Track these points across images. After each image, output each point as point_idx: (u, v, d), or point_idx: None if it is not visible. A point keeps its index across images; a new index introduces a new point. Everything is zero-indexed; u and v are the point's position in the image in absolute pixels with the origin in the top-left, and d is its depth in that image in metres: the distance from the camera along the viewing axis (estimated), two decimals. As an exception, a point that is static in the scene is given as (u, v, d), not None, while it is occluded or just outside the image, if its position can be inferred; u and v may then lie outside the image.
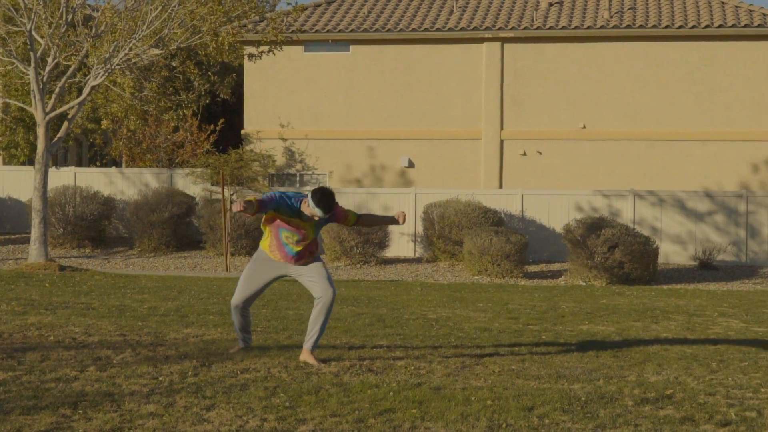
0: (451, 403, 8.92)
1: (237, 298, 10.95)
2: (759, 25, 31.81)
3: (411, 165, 33.69)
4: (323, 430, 8.04)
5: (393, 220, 11.07)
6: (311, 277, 10.73)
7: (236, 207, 9.92)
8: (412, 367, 10.76)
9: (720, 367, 11.24)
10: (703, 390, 9.81)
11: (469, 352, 11.86)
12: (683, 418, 8.61)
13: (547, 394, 9.36)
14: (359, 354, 11.54)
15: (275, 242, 10.69)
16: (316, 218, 10.49)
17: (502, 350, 12.13)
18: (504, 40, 33.30)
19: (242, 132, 34.92)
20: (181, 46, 25.75)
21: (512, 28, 33.02)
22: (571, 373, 10.50)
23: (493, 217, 28.08)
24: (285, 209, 10.48)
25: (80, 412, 8.24)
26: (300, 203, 10.49)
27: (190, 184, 31.46)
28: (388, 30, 33.63)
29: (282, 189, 31.55)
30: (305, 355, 10.77)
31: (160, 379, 9.76)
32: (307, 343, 10.82)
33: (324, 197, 10.31)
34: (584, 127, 32.86)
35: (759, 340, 13.77)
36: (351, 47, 34.15)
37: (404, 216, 10.79)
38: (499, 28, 33.07)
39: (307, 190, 30.89)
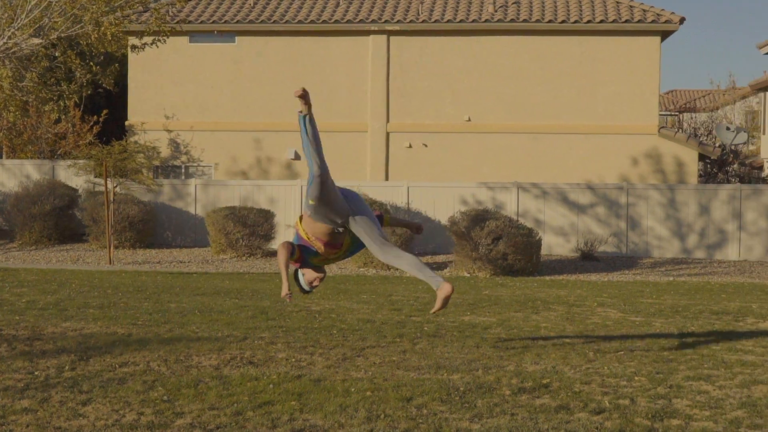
0: (330, 395, 8.94)
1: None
2: (639, 21, 32.40)
3: (297, 157, 33.62)
4: (201, 423, 7.99)
5: (416, 228, 11.35)
6: (365, 228, 10.57)
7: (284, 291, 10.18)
8: (293, 360, 10.75)
9: (597, 356, 11.43)
10: (579, 379, 9.97)
11: (350, 344, 11.89)
12: (559, 406, 8.75)
13: (426, 385, 9.43)
14: (240, 346, 11.50)
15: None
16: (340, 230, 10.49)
17: (384, 342, 12.18)
18: (390, 33, 33.41)
19: (126, 123, 34.49)
20: (62, 35, 25.32)
21: (398, 21, 33.15)
22: (450, 364, 10.58)
23: (379, 209, 28.14)
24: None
25: (-49, 408, 8.08)
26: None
27: (73, 176, 30.99)
28: (275, 21, 33.49)
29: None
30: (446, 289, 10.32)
31: (36, 374, 9.61)
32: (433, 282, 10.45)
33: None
34: (469, 120, 33.13)
35: (635, 330, 14.03)
36: (237, 38, 33.94)
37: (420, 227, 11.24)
38: (385, 21, 33.17)
39: (192, 181, 30.63)
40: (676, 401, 9.09)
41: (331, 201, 10.33)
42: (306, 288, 10.82)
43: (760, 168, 48.22)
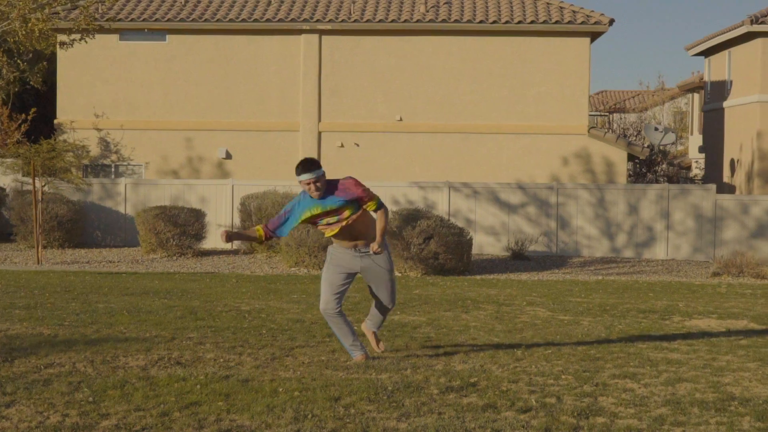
0: (258, 395, 8.92)
1: (324, 300, 10.64)
2: (569, 22, 32.66)
3: (228, 156, 33.48)
4: (126, 424, 7.93)
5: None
6: (376, 285, 10.74)
7: (222, 238, 10.12)
8: (222, 360, 10.71)
9: (525, 355, 11.51)
10: (506, 377, 10.03)
11: (279, 344, 11.87)
12: (486, 405, 8.79)
13: (354, 384, 9.44)
14: (168, 347, 11.43)
15: (328, 235, 10.61)
16: (314, 192, 10.19)
17: (313, 341, 12.17)
18: (322, 32, 33.37)
19: (55, 122, 34.13)
20: (-11, 32, 25.00)
21: (330, 21, 33.12)
22: (379, 363, 10.60)
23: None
24: (299, 209, 10.35)
25: None
26: (303, 193, 10.38)
27: (0, 174, 30.60)
28: (206, 20, 33.32)
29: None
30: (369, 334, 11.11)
31: (-41, 375, 9.48)
32: (374, 326, 11.12)
33: (301, 163, 10.22)
34: (401, 119, 33.20)
35: (563, 329, 14.15)
36: (168, 36, 33.72)
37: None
38: (317, 20, 33.13)
39: (123, 180, 30.39)
40: (602, 399, 9.18)
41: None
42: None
43: (688, 168, 48.87)
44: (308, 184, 10.17)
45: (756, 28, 33.85)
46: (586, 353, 11.72)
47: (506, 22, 32.77)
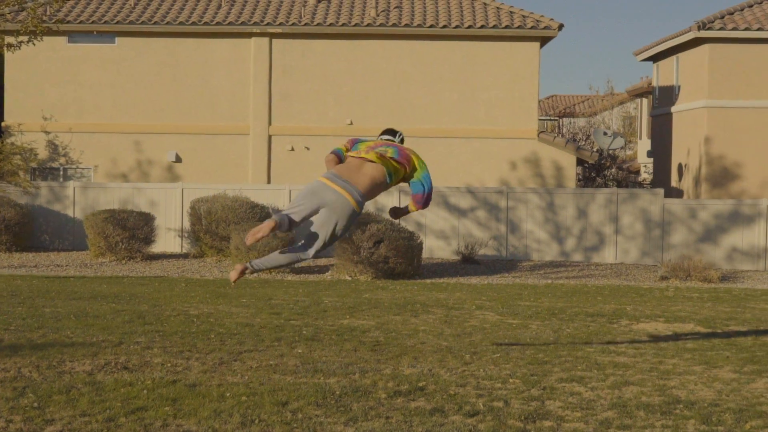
0: (205, 400, 8.89)
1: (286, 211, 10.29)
2: (519, 27, 32.80)
3: (178, 160, 33.32)
4: (72, 430, 7.88)
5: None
6: (324, 221, 10.37)
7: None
8: (169, 364, 10.66)
9: (473, 359, 11.55)
10: (455, 381, 10.06)
11: (228, 348, 11.83)
12: (433, 409, 8.82)
13: (302, 389, 9.43)
14: (115, 351, 11.36)
15: (348, 161, 10.52)
16: (381, 148, 10.40)
17: (262, 346, 12.15)
18: (272, 36, 33.30)
19: (2, 124, 33.80)
20: (-65, 34, 24.71)
21: (280, 24, 33.05)
22: (328, 368, 10.60)
23: (260, 212, 28.04)
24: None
25: None
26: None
27: (-54, 177, 30.28)
28: (155, 23, 33.13)
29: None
30: (236, 268, 10.55)
31: None
32: (252, 261, 10.73)
33: (389, 129, 10.90)
34: (351, 123, 33.19)
35: (512, 332, 14.21)
36: (117, 39, 33.50)
37: None
38: (268, 24, 33.05)
39: (71, 184, 30.14)
40: (549, 403, 9.23)
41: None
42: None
43: (637, 172, 49.22)
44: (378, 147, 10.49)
45: (703, 33, 34.15)
46: (534, 357, 11.78)
47: (456, 26, 32.86)
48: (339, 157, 10.57)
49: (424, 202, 10.62)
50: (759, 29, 33.84)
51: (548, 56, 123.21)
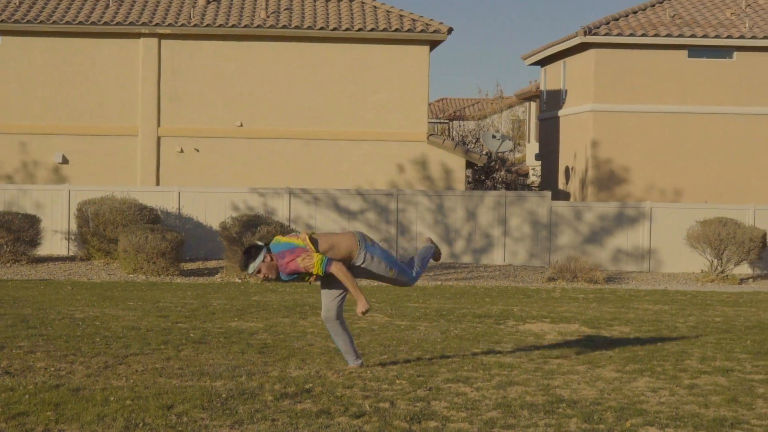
0: (89, 404, 8.78)
1: (324, 308, 10.87)
2: (409, 30, 32.99)
3: (65, 161, 32.83)
4: (-51, 436, 7.73)
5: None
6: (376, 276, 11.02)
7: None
8: (53, 369, 10.51)
9: (360, 360, 11.57)
10: (341, 383, 10.09)
11: (113, 352, 11.70)
12: (320, 411, 8.83)
13: (188, 392, 9.37)
14: (-3, 356, 11.17)
15: None
16: (264, 279, 10.59)
17: (148, 349, 12.04)
18: (161, 36, 32.99)
19: None
20: None
21: (169, 25, 32.76)
22: (214, 371, 10.55)
23: (149, 214, 27.77)
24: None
25: None
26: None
27: None
28: (41, 22, 32.60)
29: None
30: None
31: None
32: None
33: (243, 255, 10.56)
34: (241, 125, 33.04)
35: (400, 334, 14.28)
36: (2, 38, 32.88)
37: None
38: (156, 24, 32.74)
39: (-47, 186, 29.55)
40: (435, 403, 9.30)
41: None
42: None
43: (526, 175, 49.83)
44: (257, 274, 10.48)
45: (589, 39, 34.74)
46: (422, 358, 11.86)
47: (346, 29, 32.92)
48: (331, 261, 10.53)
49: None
50: (643, 35, 34.52)
51: (438, 59, 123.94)
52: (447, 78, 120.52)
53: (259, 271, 10.40)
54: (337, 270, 10.42)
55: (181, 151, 32.93)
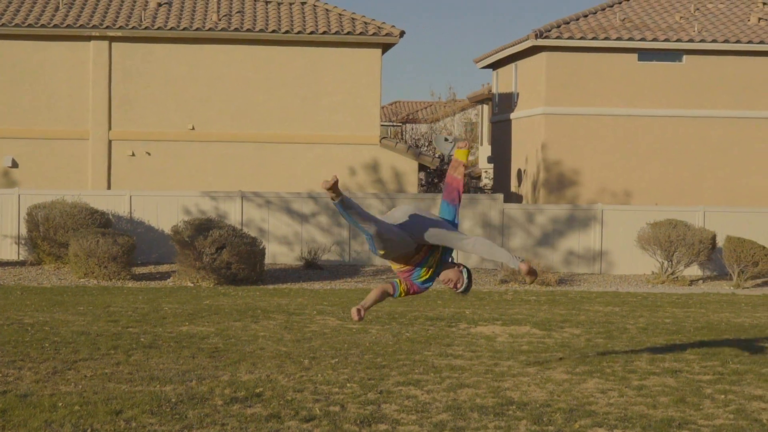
0: (36, 410, 8.72)
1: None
2: (360, 33, 32.99)
3: (15, 165, 32.54)
4: None
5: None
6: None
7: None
8: (0, 375, 10.41)
9: (312, 364, 11.57)
10: (292, 387, 10.08)
11: (62, 357, 11.62)
12: (270, 415, 8.81)
13: (137, 397, 9.33)
14: (-56, 362, 11.05)
15: None
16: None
17: (98, 354, 11.96)
18: (112, 39, 32.79)
19: None
20: None
21: (120, 27, 32.57)
22: (164, 375, 10.50)
23: (100, 218, 27.57)
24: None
25: None
26: None
27: None
28: (-10, 24, 32.31)
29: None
30: None
31: None
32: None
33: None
34: (193, 128, 32.91)
35: (352, 337, 14.28)
36: (-50, 41, 32.58)
37: None
38: (107, 27, 32.53)
39: None
40: (385, 406, 9.31)
41: (395, 243, 10.28)
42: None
43: (479, 178, 50.00)
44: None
45: (541, 42, 34.89)
46: (373, 361, 11.87)
47: (298, 32, 32.88)
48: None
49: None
50: (594, 38, 34.72)
51: (391, 63, 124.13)
52: (400, 81, 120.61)
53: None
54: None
55: (133, 154, 32.74)
